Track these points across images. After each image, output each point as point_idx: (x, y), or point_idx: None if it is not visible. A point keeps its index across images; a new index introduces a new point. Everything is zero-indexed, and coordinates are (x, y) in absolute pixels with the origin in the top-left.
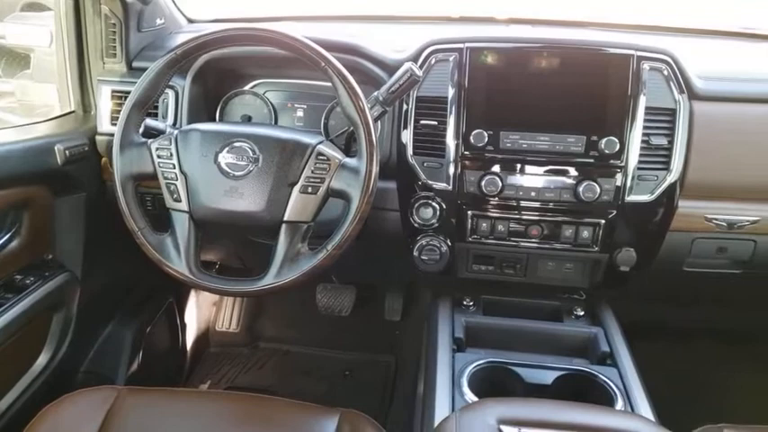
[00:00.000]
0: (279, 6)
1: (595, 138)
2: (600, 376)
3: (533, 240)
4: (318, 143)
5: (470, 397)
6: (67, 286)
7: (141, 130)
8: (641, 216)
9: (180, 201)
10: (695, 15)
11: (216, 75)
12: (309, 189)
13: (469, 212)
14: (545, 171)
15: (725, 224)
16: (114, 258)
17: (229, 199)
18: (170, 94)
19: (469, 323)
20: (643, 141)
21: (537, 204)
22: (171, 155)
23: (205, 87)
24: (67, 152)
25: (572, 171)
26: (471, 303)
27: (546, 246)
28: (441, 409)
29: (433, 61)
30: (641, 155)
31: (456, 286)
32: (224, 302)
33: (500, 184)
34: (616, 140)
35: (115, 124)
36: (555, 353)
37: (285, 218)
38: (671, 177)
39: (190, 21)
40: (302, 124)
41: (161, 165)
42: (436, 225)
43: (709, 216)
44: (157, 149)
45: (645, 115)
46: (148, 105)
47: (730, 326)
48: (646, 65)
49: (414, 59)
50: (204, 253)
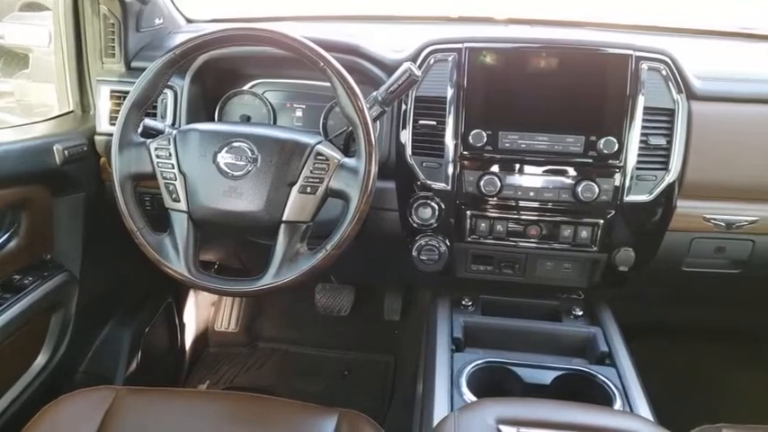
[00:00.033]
0: (278, 6)
1: (594, 138)
2: (598, 376)
3: (532, 240)
4: (317, 143)
5: (469, 397)
6: (66, 286)
7: (140, 130)
8: (640, 216)
9: (179, 201)
10: (693, 15)
11: (215, 75)
12: (308, 189)
13: (468, 212)
14: (544, 171)
15: (723, 224)
16: (113, 258)
17: (228, 199)
18: (169, 94)
19: (468, 323)
20: (641, 141)
21: (536, 204)
22: (170, 155)
23: (204, 87)
24: (66, 152)
25: (571, 171)
26: (470, 303)
27: (545, 246)
28: (439, 409)
29: (432, 61)
30: (640, 155)
31: (455, 286)
32: (223, 302)
33: (499, 184)
34: (615, 140)
35: (114, 124)
36: (553, 353)
37: (284, 218)
38: (669, 177)
39: (188, 21)
40: (301, 124)
41: (160, 165)
42: (435, 225)
43: (707, 216)
44: (156, 149)
45: (643, 115)
46: (147, 105)
47: (729, 326)
48: (644, 65)
49: (412, 59)
50: (203, 253)
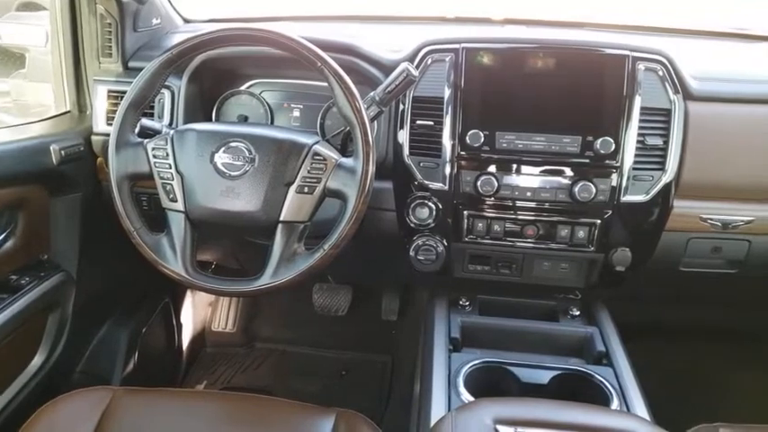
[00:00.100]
0: (275, 6)
1: (591, 138)
2: (596, 376)
3: (529, 240)
4: (315, 143)
5: (466, 397)
6: (63, 286)
7: (137, 131)
8: (637, 216)
9: (176, 201)
10: (690, 16)
11: (212, 75)
12: (306, 189)
13: (465, 212)
14: (541, 171)
15: (720, 224)
16: (110, 258)
17: (225, 199)
18: (166, 94)
19: (465, 323)
20: (638, 141)
21: (533, 204)
22: (167, 155)
23: (201, 87)
24: (63, 152)
25: (568, 171)
26: (467, 303)
27: (542, 246)
28: (437, 409)
29: (429, 61)
30: (636, 155)
31: (452, 286)
32: (220, 303)
33: (496, 185)
34: (611, 141)
35: (111, 124)
36: (551, 353)
37: (281, 218)
38: (666, 177)
39: (186, 21)
40: (298, 124)
41: (157, 165)
42: (432, 225)
43: (704, 216)
44: (153, 149)
45: (640, 115)
46: (144, 105)
47: (726, 326)
48: (641, 65)
49: (410, 60)
50: (200, 253)
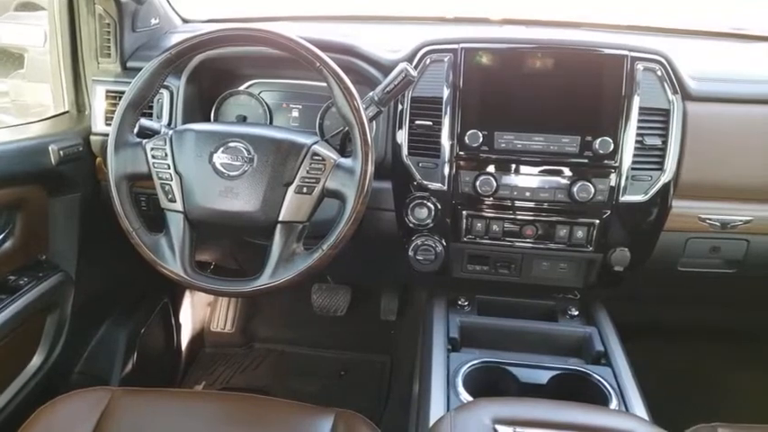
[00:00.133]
0: (274, 6)
1: (590, 138)
2: (594, 376)
3: (528, 240)
4: (313, 143)
5: (465, 397)
6: (62, 287)
7: (136, 131)
8: (635, 216)
9: (175, 201)
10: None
11: (211, 75)
12: (304, 189)
13: (464, 212)
14: (539, 171)
15: (718, 224)
16: (109, 259)
17: (224, 199)
18: (165, 95)
19: (464, 323)
20: (637, 142)
21: (531, 204)
22: (166, 155)
23: (200, 87)
24: (62, 152)
25: (566, 171)
26: (466, 303)
27: (540, 246)
28: (436, 409)
29: (428, 62)
30: (635, 155)
31: (451, 286)
32: (219, 303)
33: (495, 185)
34: (610, 141)
35: (110, 124)
36: (549, 352)
37: (280, 218)
38: (665, 177)
39: (184, 21)
40: (297, 124)
41: (156, 165)
42: (431, 225)
43: (702, 216)
44: (152, 150)
45: (639, 116)
46: (143, 105)
47: (724, 325)
48: (639, 65)
49: (408, 60)
50: (199, 253)
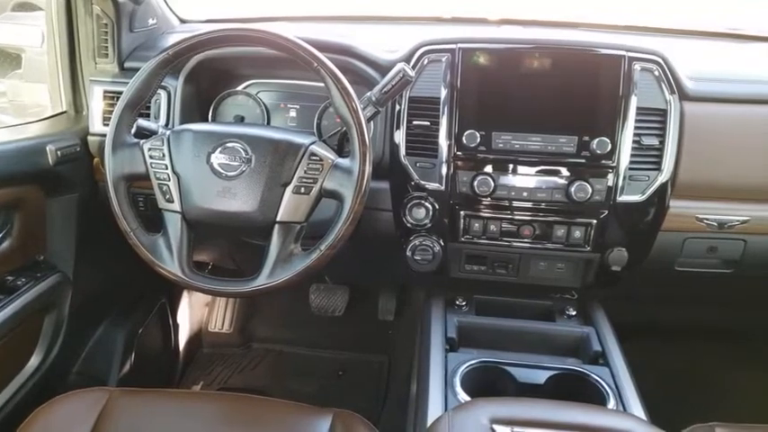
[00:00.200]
0: (271, 7)
1: (587, 138)
2: (592, 376)
3: (525, 240)
4: (311, 143)
5: (463, 397)
6: (59, 287)
7: (133, 131)
8: (633, 216)
9: (172, 201)
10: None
11: (208, 75)
12: (302, 189)
13: (462, 212)
14: (537, 171)
15: (715, 224)
16: (106, 259)
17: (222, 199)
18: (162, 95)
19: (462, 323)
20: (634, 142)
21: (529, 204)
22: (163, 155)
23: (197, 88)
24: (59, 152)
25: (564, 171)
26: (464, 303)
27: (538, 246)
28: (434, 409)
29: (426, 62)
30: (632, 155)
31: (449, 286)
32: (217, 303)
33: (492, 185)
34: (607, 141)
35: (107, 125)
36: (547, 352)
37: (278, 218)
38: (662, 177)
39: (182, 21)
40: (295, 125)
41: (153, 165)
42: (429, 225)
43: (700, 216)
44: (150, 150)
45: (636, 116)
46: (141, 106)
47: (722, 325)
48: (637, 65)
49: (406, 60)
50: (197, 254)
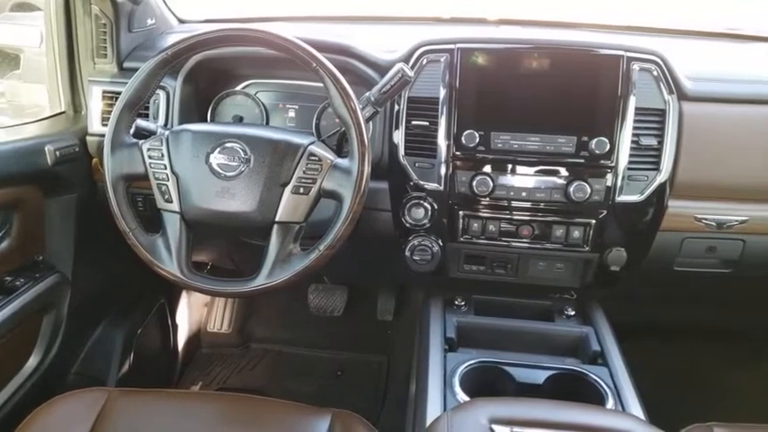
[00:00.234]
0: (270, 7)
1: (586, 138)
2: (591, 375)
3: (524, 240)
4: (310, 144)
5: (462, 397)
6: (58, 288)
7: (132, 131)
8: (631, 216)
9: (171, 201)
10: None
11: (207, 75)
12: (301, 190)
13: (461, 213)
14: (536, 171)
15: (714, 224)
16: (105, 259)
17: (221, 200)
18: (161, 95)
19: (461, 323)
20: (633, 142)
21: (528, 204)
22: (162, 155)
23: (196, 88)
24: (58, 153)
25: (563, 171)
26: (463, 303)
27: (537, 246)
28: (432, 409)
29: (425, 62)
30: (631, 155)
31: (447, 286)
32: (215, 303)
33: (491, 185)
34: (606, 141)
35: (106, 125)
36: (546, 352)
37: (277, 218)
38: (661, 177)
39: (181, 21)
40: (294, 125)
41: (152, 165)
42: (428, 225)
43: (698, 216)
44: (148, 150)
45: (635, 116)
46: (139, 106)
47: (720, 325)
48: (635, 65)
49: (405, 60)
50: (196, 254)
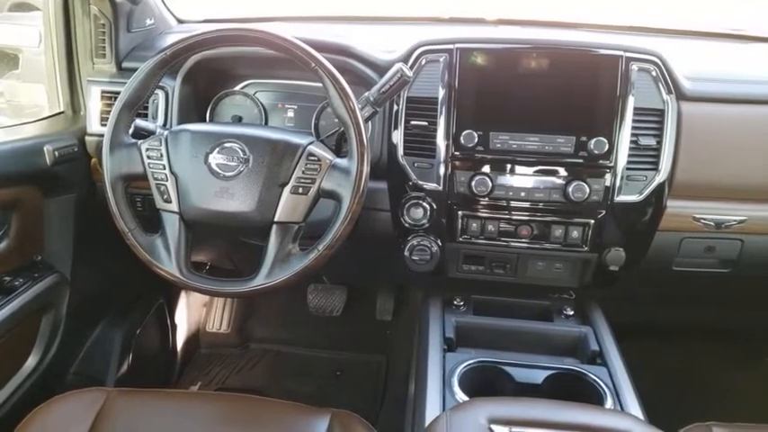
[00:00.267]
0: (269, 7)
1: (584, 138)
2: (590, 375)
3: (523, 240)
4: (309, 143)
5: (461, 396)
6: (57, 288)
7: (131, 131)
8: (630, 216)
9: (170, 201)
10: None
11: (206, 75)
12: (300, 189)
13: (460, 213)
14: (535, 171)
15: (713, 224)
16: (104, 259)
17: (220, 200)
18: (160, 95)
19: (460, 323)
20: (632, 142)
21: (527, 204)
22: (161, 155)
23: (195, 88)
24: (56, 153)
25: (561, 171)
26: (462, 303)
27: (536, 246)
28: (432, 409)
29: (424, 62)
30: (630, 155)
31: (447, 286)
32: (214, 303)
33: (490, 185)
34: (605, 141)
35: (105, 125)
36: (545, 352)
37: (276, 218)
38: (659, 177)
39: (179, 21)
40: (293, 125)
41: (151, 165)
42: (427, 225)
43: (697, 216)
44: (147, 150)
45: (633, 116)
46: (138, 106)
47: (719, 325)
48: (634, 66)
49: (404, 60)
50: (195, 254)
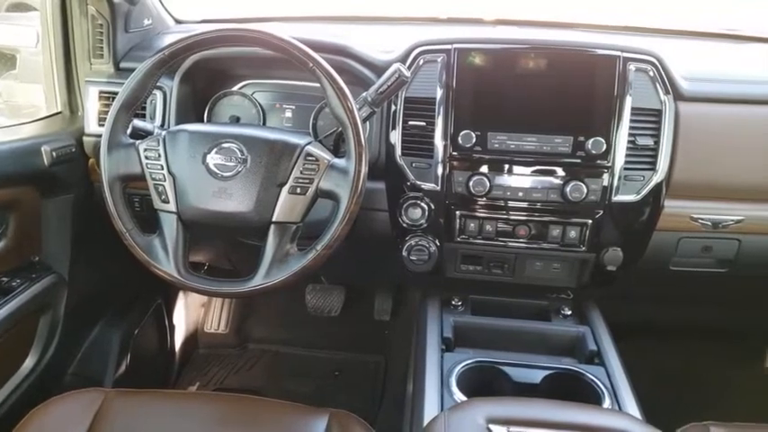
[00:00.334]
0: (267, 7)
1: (582, 138)
2: (587, 375)
3: (521, 240)
4: (307, 144)
5: (459, 396)
6: (55, 288)
7: (129, 131)
8: (628, 216)
9: (168, 202)
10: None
11: (204, 75)
12: (298, 190)
13: (458, 213)
14: (532, 171)
15: (710, 224)
16: (102, 260)
17: (218, 200)
18: (158, 95)
19: (458, 323)
20: (629, 142)
21: (524, 204)
22: (159, 156)
23: (193, 88)
24: (54, 153)
25: (559, 171)
26: (460, 303)
27: (533, 246)
28: (430, 409)
29: (422, 62)
30: (627, 155)
31: (444, 286)
32: (213, 304)
33: (488, 185)
34: (603, 141)
35: (103, 125)
36: (543, 352)
37: (274, 218)
38: (657, 177)
39: (177, 21)
40: (291, 125)
41: (149, 166)
42: (425, 225)
43: (694, 216)
44: (145, 150)
45: (631, 116)
46: (136, 106)
47: (717, 325)
48: (632, 66)
49: (402, 60)
50: (193, 254)
